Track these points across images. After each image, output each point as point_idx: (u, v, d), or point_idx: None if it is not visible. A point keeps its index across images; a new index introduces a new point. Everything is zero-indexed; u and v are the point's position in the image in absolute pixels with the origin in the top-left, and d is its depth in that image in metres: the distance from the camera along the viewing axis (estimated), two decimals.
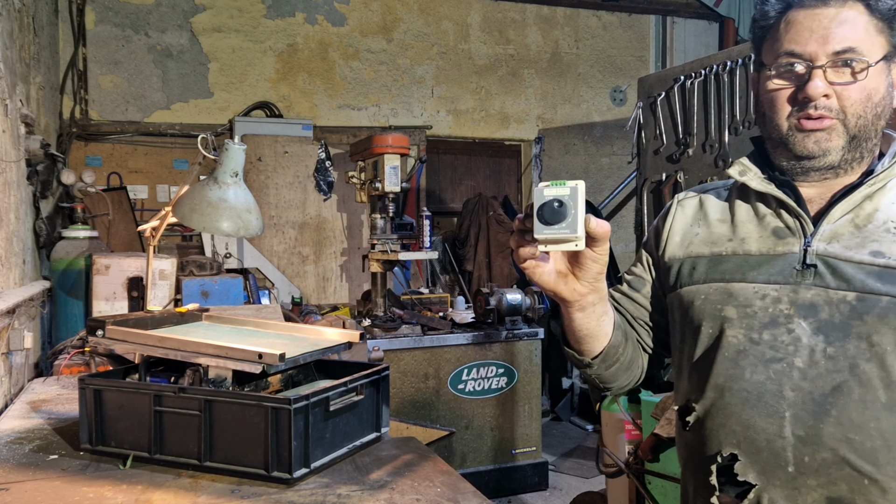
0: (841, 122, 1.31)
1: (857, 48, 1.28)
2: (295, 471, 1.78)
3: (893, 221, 1.30)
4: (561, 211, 1.16)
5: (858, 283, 1.27)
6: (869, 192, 1.33)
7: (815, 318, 1.29)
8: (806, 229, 1.35)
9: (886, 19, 1.30)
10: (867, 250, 1.29)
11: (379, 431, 2.15)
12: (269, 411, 1.77)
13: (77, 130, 6.14)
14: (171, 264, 3.72)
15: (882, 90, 1.31)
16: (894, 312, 1.23)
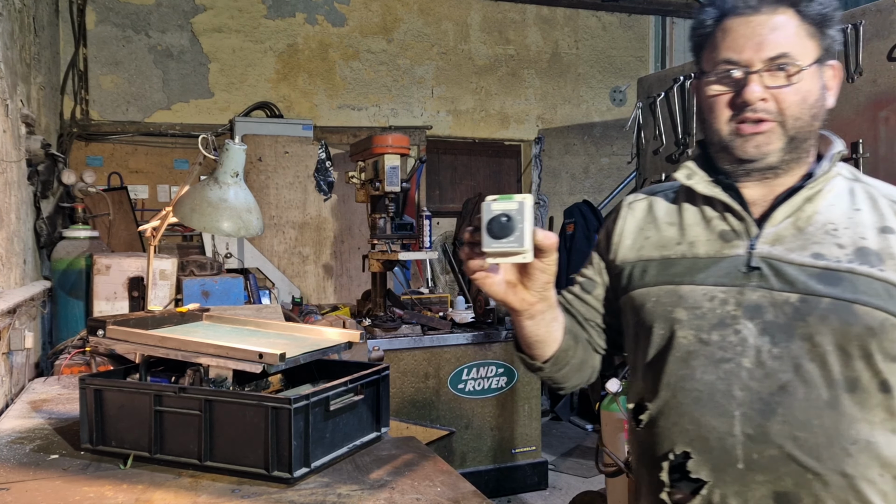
0: (779, 124, 1.34)
1: (790, 53, 1.32)
2: (295, 470, 1.78)
3: (832, 224, 1.35)
4: (509, 225, 1.19)
5: (801, 285, 1.31)
6: (809, 194, 1.37)
7: (761, 320, 1.33)
8: (751, 232, 1.38)
9: (816, 24, 1.35)
10: (808, 252, 1.33)
11: (379, 431, 2.15)
12: (269, 411, 1.77)
13: (77, 130, 6.15)
14: (171, 264, 3.73)
15: (816, 92, 1.35)
16: (834, 314, 1.28)
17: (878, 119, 3.45)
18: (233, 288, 3.89)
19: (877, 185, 1.42)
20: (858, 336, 1.27)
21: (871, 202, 1.38)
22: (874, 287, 1.28)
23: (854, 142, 3.52)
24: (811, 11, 1.34)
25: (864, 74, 3.50)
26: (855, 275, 1.29)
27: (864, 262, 1.31)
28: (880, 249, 1.32)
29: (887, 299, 1.28)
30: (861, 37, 3.50)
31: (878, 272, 1.29)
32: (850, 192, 1.39)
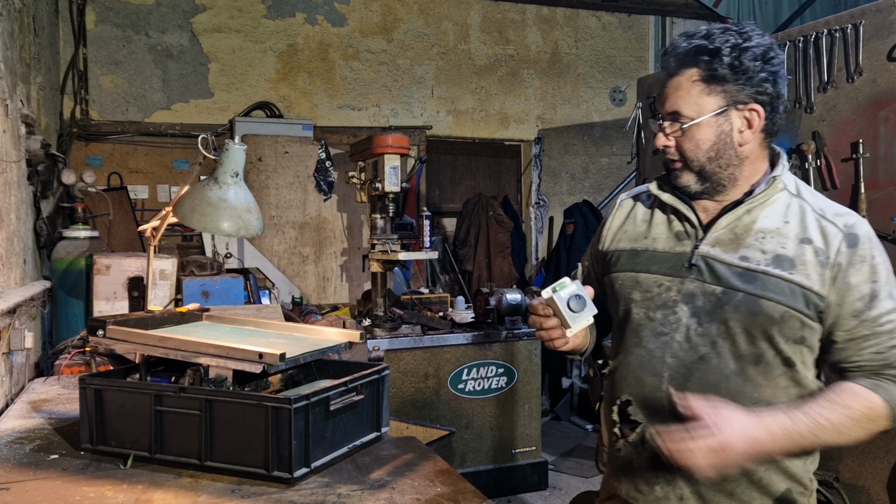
0: (683, 163, 1.72)
1: (682, 110, 1.68)
2: (295, 470, 1.78)
3: (762, 232, 1.68)
4: (581, 300, 1.63)
5: (725, 281, 1.67)
6: (749, 207, 1.69)
7: (693, 305, 1.70)
8: (697, 235, 1.74)
9: (720, 80, 1.65)
10: (738, 255, 1.68)
11: (379, 431, 2.15)
12: (269, 411, 1.77)
13: (77, 130, 6.14)
14: (171, 264, 3.73)
15: (712, 138, 1.68)
16: (744, 305, 1.64)
17: (878, 119, 3.45)
18: (233, 288, 3.89)
19: (812, 201, 1.71)
20: (761, 323, 1.63)
21: (800, 216, 1.68)
22: (781, 286, 1.62)
23: (854, 142, 3.52)
24: (715, 70, 1.64)
25: (863, 74, 3.50)
26: (768, 276, 1.63)
27: (778, 265, 1.63)
28: (795, 256, 1.64)
29: (790, 297, 1.61)
30: (861, 37, 3.50)
31: (788, 275, 1.62)
32: (787, 206, 1.70)
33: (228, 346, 1.88)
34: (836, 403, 1.56)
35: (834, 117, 3.64)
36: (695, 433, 1.49)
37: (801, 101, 3.78)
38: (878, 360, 1.60)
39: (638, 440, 1.75)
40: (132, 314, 2.36)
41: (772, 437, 1.53)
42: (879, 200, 3.45)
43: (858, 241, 1.63)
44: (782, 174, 1.71)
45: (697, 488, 1.70)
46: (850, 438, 1.58)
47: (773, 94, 1.66)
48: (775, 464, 1.67)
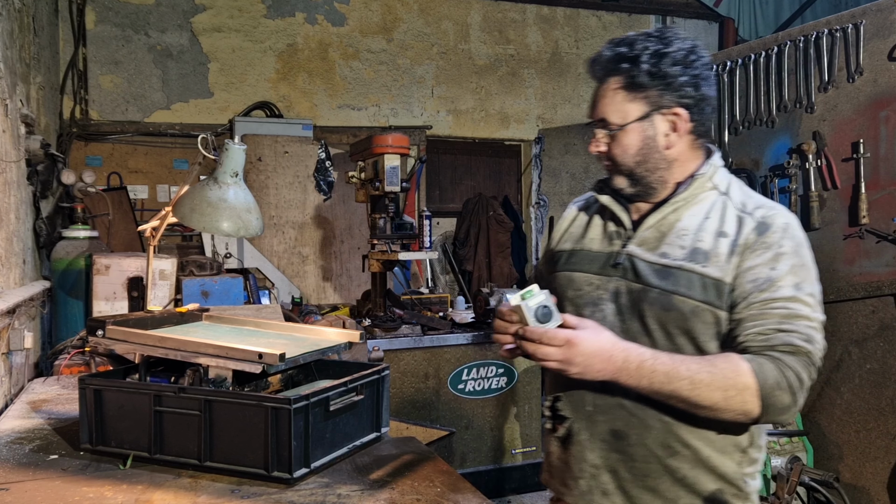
0: (615, 166, 1.77)
1: (608, 117, 1.73)
2: (295, 471, 1.78)
3: (685, 230, 1.71)
4: (548, 311, 1.60)
5: (644, 278, 1.70)
6: (675, 207, 1.73)
7: (617, 302, 1.74)
8: (627, 235, 1.79)
9: (641, 87, 1.69)
10: (658, 252, 1.71)
11: (379, 431, 2.14)
12: (269, 411, 1.77)
13: (77, 130, 6.14)
14: (171, 264, 3.72)
15: (637, 143, 1.72)
16: (658, 301, 1.67)
17: (879, 118, 3.45)
18: (232, 288, 3.89)
19: (736, 198, 1.73)
20: (675, 319, 1.65)
21: (721, 212, 1.71)
22: (692, 280, 1.64)
23: (854, 141, 3.52)
24: (636, 77, 1.68)
25: (864, 74, 3.50)
26: (682, 271, 1.66)
27: (692, 260, 1.66)
28: (710, 249, 1.66)
29: (700, 291, 1.63)
30: (861, 36, 3.50)
31: (701, 268, 1.64)
32: (712, 204, 1.73)
33: (228, 346, 1.88)
34: (705, 360, 1.57)
35: (834, 117, 3.64)
36: (550, 334, 1.56)
37: (801, 101, 3.78)
38: (760, 340, 1.57)
39: (565, 435, 1.81)
40: (131, 314, 2.36)
41: (625, 359, 1.56)
42: (880, 200, 3.45)
43: (768, 229, 1.64)
44: (708, 172, 1.74)
45: (621, 483, 1.73)
46: (706, 399, 1.54)
47: (697, 96, 1.69)
48: (701, 462, 1.67)
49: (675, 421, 1.66)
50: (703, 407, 1.56)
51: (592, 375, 1.57)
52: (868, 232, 3.48)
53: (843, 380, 3.59)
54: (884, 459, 3.42)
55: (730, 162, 4.12)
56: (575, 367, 1.56)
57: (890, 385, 3.39)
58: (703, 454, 1.67)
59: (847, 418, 3.58)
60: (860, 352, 3.52)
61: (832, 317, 3.62)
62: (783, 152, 3.88)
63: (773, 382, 1.52)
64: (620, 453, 1.72)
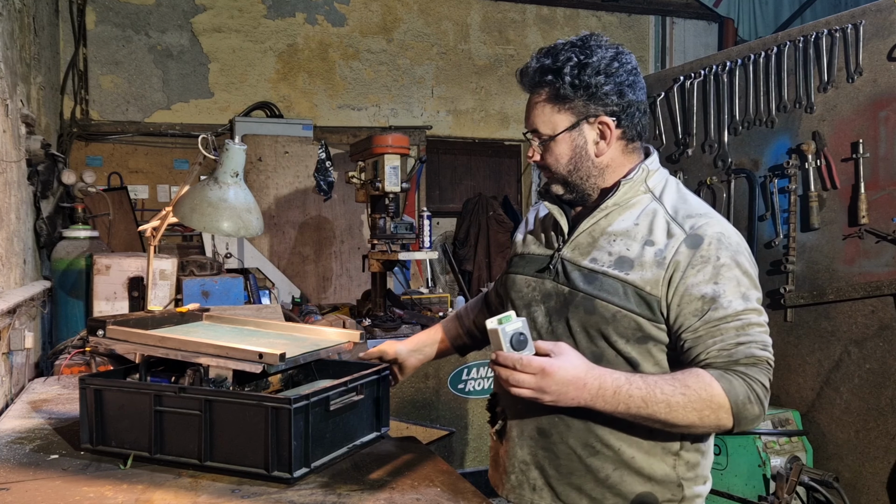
0: (551, 174, 1.82)
1: (539, 128, 1.77)
2: (295, 470, 1.78)
3: (614, 236, 1.73)
4: (524, 340, 1.61)
5: (572, 282, 1.75)
6: (606, 212, 1.76)
7: (548, 304, 1.80)
8: (563, 239, 1.82)
9: (566, 98, 1.72)
10: (589, 257, 1.75)
11: (380, 431, 2.13)
12: (269, 411, 1.77)
13: (77, 130, 6.15)
14: (171, 264, 3.73)
15: (568, 153, 1.76)
16: (582, 305, 1.71)
17: (878, 119, 3.45)
18: (233, 288, 3.89)
19: (669, 203, 1.74)
20: (595, 323, 1.70)
21: (651, 218, 1.72)
22: (615, 287, 1.68)
23: (854, 141, 3.52)
24: (561, 88, 1.71)
25: (864, 74, 3.51)
26: (606, 276, 1.69)
27: (618, 267, 1.69)
28: (636, 257, 1.68)
29: (622, 297, 1.67)
30: (861, 37, 3.50)
31: (623, 275, 1.67)
32: (643, 209, 1.75)
33: (228, 346, 1.87)
34: (677, 381, 1.57)
35: (834, 117, 3.64)
36: (525, 362, 1.56)
37: (801, 101, 3.78)
38: (724, 356, 1.59)
39: (500, 430, 1.93)
40: (132, 314, 2.36)
41: (600, 386, 1.56)
42: (880, 200, 3.45)
43: (702, 242, 1.64)
44: (638, 176, 1.77)
45: (548, 479, 1.79)
46: (682, 419, 1.57)
47: (623, 103, 1.72)
48: (625, 464, 1.70)
49: (594, 422, 1.70)
50: (678, 426, 1.60)
51: (566, 403, 1.58)
52: (868, 232, 3.48)
53: (842, 380, 3.59)
54: (883, 459, 3.42)
55: (729, 162, 4.12)
56: (549, 396, 1.57)
57: (889, 385, 3.40)
58: (626, 455, 1.70)
59: (846, 418, 3.58)
60: (860, 352, 3.52)
61: (832, 317, 3.63)
62: (783, 152, 3.88)
63: (744, 397, 1.56)
64: (546, 450, 1.79)
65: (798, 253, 3.78)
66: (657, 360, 1.70)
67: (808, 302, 3.71)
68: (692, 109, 4.33)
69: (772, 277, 3.87)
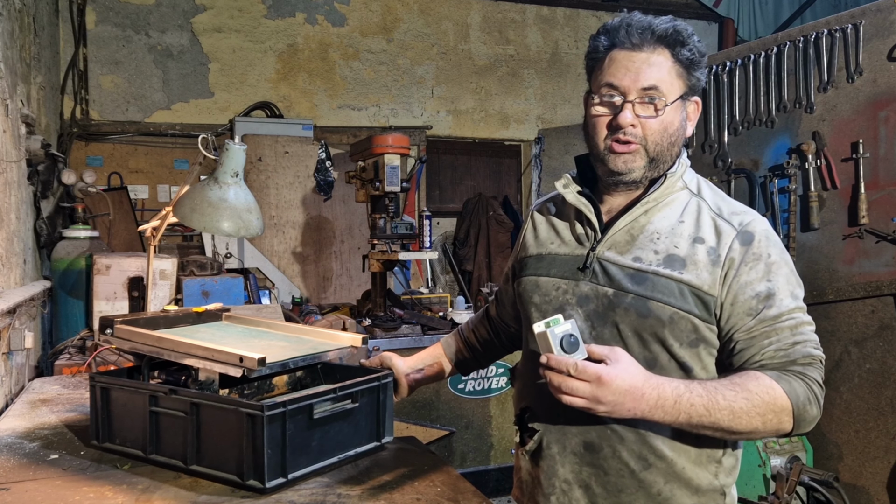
0: (643, 146, 1.63)
1: (660, 87, 1.61)
2: (269, 480, 1.71)
3: (657, 233, 1.65)
4: (575, 342, 1.48)
5: (617, 282, 1.63)
6: (646, 208, 1.67)
7: (587, 308, 1.67)
8: (596, 237, 1.71)
9: (685, 66, 1.63)
10: (631, 256, 1.65)
11: (379, 441, 2.05)
12: (244, 417, 1.72)
13: (78, 130, 6.15)
14: (171, 264, 3.73)
15: (676, 123, 1.65)
16: (633, 307, 1.60)
17: (878, 119, 3.46)
18: (233, 288, 3.89)
19: (710, 200, 1.69)
20: (651, 326, 1.59)
21: (696, 215, 1.66)
22: (670, 287, 1.58)
23: (854, 142, 3.52)
24: (682, 56, 1.62)
25: (864, 74, 3.51)
26: (658, 276, 1.60)
27: (668, 266, 1.60)
28: (686, 256, 1.60)
29: (679, 298, 1.58)
30: (861, 37, 3.50)
31: (678, 275, 1.59)
32: (685, 206, 1.68)
33: (214, 348, 1.84)
34: (738, 385, 1.50)
35: (834, 117, 3.64)
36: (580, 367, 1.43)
37: (801, 101, 3.78)
38: (780, 356, 1.55)
39: (535, 448, 1.75)
40: (146, 313, 2.36)
41: (659, 396, 1.46)
42: (880, 200, 3.45)
43: (753, 239, 1.60)
44: (679, 171, 1.70)
45: (594, 499, 1.67)
46: (745, 426, 1.49)
47: (703, 89, 1.71)
48: (676, 476, 1.62)
49: (650, 431, 1.61)
50: (741, 433, 1.53)
51: (621, 414, 1.47)
52: (867, 232, 3.48)
53: (842, 379, 3.59)
54: (883, 459, 3.43)
55: (729, 162, 4.13)
56: (603, 407, 1.45)
57: (889, 385, 3.40)
58: (678, 466, 1.62)
59: (846, 418, 3.58)
60: (860, 352, 3.52)
61: (832, 317, 3.63)
62: (783, 152, 3.89)
63: (804, 398, 1.52)
64: (593, 467, 1.66)
65: (798, 253, 3.79)
66: (705, 365, 1.63)
67: (809, 302, 3.68)
68: None
69: None
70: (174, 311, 2.36)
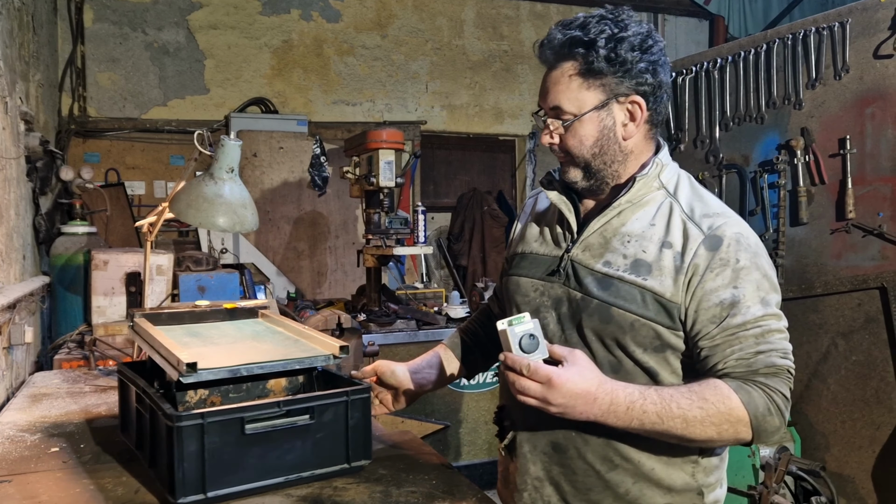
0: (569, 159, 1.66)
1: (562, 106, 1.60)
2: (180, 496, 1.56)
3: (628, 236, 1.62)
4: (534, 341, 1.49)
5: (585, 287, 1.62)
6: (619, 210, 1.64)
7: (559, 311, 1.67)
8: (571, 238, 1.69)
9: (601, 72, 1.58)
10: (602, 260, 1.62)
11: (348, 464, 1.79)
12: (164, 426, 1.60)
13: (75, 127, 6.17)
14: (168, 260, 3.76)
15: (595, 134, 1.61)
16: (597, 312, 1.59)
17: (865, 115, 3.50)
18: (228, 283, 3.92)
19: (684, 201, 1.63)
20: (612, 332, 1.58)
21: (667, 218, 1.61)
22: (633, 294, 1.56)
23: (841, 137, 3.57)
24: (595, 61, 1.57)
25: (850, 72, 3.55)
26: (623, 282, 1.58)
27: (634, 271, 1.58)
28: (653, 262, 1.57)
29: (640, 305, 1.56)
30: (848, 35, 3.54)
31: (642, 281, 1.56)
32: (658, 207, 1.64)
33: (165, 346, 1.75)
34: (695, 394, 1.48)
35: (822, 114, 3.69)
36: (532, 368, 1.43)
37: (790, 98, 3.82)
38: (742, 366, 1.50)
39: (509, 445, 1.76)
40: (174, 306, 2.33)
41: (612, 401, 1.46)
42: (866, 195, 3.50)
43: (721, 244, 1.54)
44: (653, 171, 1.65)
45: (564, 496, 1.68)
46: (700, 434, 1.47)
47: (654, 83, 1.60)
48: (645, 476, 1.61)
49: (614, 436, 1.59)
50: (695, 441, 1.51)
51: (575, 416, 1.47)
52: (854, 226, 3.53)
53: (829, 371, 3.64)
54: (868, 448, 3.48)
55: (720, 158, 4.17)
56: (554, 408, 1.45)
57: (874, 376, 3.45)
58: (646, 468, 1.61)
59: (833, 409, 3.64)
60: (846, 344, 3.57)
61: (820, 310, 3.68)
62: (772, 148, 3.93)
63: (764, 409, 1.48)
64: (562, 466, 1.67)
65: (787, 247, 3.83)
66: (674, 369, 1.60)
67: (797, 295, 3.76)
68: (684, 105, 4.38)
69: None
70: (205, 306, 2.31)
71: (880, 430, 3.44)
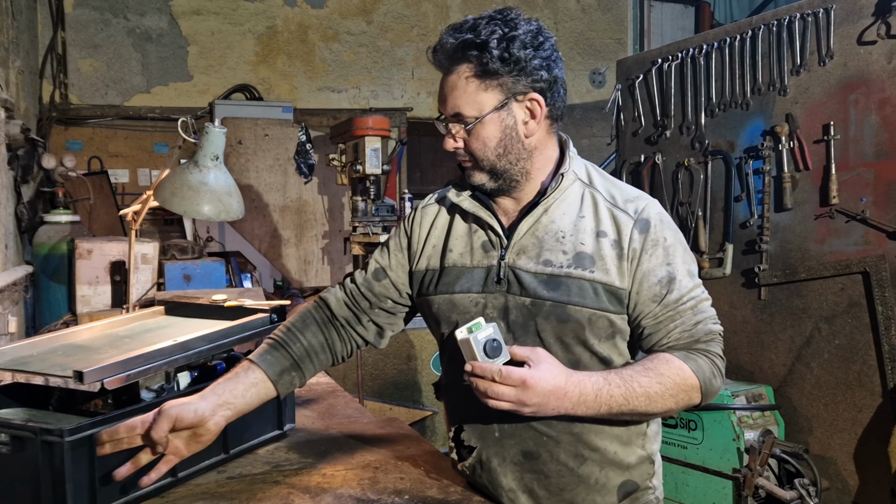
0: (474, 163, 1.64)
1: (462, 111, 1.59)
2: None
3: (562, 232, 1.63)
4: (498, 346, 1.46)
5: (532, 291, 1.60)
6: (545, 207, 1.64)
7: (507, 320, 1.63)
8: (502, 244, 1.66)
9: (496, 73, 1.56)
10: (541, 260, 1.62)
11: None
12: None
13: (57, 115, 6.12)
14: (153, 248, 3.74)
15: (498, 134, 1.60)
16: (553, 314, 1.58)
17: (849, 101, 3.52)
18: (214, 271, 3.92)
19: (602, 189, 1.67)
20: (572, 329, 1.59)
21: (593, 208, 1.64)
22: (584, 288, 1.58)
23: (825, 123, 3.59)
24: (489, 66, 1.55)
25: (835, 58, 3.57)
26: (571, 279, 1.58)
27: (579, 265, 1.59)
28: (594, 252, 1.60)
29: (594, 298, 1.58)
30: (832, 21, 3.56)
31: (589, 274, 1.58)
32: (581, 198, 1.66)
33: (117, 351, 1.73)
34: (652, 370, 1.53)
35: (807, 100, 3.70)
36: (504, 373, 1.41)
37: (775, 84, 3.84)
38: (686, 337, 1.59)
39: (475, 464, 1.70)
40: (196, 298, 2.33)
41: (581, 392, 1.47)
42: (850, 181, 3.52)
43: (649, 225, 1.61)
44: (570, 166, 1.67)
45: (539, 501, 1.67)
46: (661, 407, 1.54)
47: (550, 79, 1.61)
48: (609, 461, 1.66)
49: (583, 430, 1.63)
50: (656, 414, 1.58)
51: (546, 413, 1.47)
52: (838, 212, 3.55)
53: (812, 355, 3.68)
54: (850, 431, 3.52)
55: (706, 144, 4.18)
56: (529, 409, 1.45)
57: (857, 360, 3.49)
58: (610, 453, 1.66)
59: (816, 392, 3.67)
60: (829, 328, 3.60)
61: (804, 294, 3.71)
62: (757, 134, 3.94)
63: (709, 374, 1.57)
64: (534, 472, 1.66)
65: (772, 233, 3.85)
66: (621, 352, 1.66)
67: (781, 280, 3.79)
68: (670, 91, 4.39)
69: (746, 257, 3.95)
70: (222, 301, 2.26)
71: (862, 413, 3.48)
